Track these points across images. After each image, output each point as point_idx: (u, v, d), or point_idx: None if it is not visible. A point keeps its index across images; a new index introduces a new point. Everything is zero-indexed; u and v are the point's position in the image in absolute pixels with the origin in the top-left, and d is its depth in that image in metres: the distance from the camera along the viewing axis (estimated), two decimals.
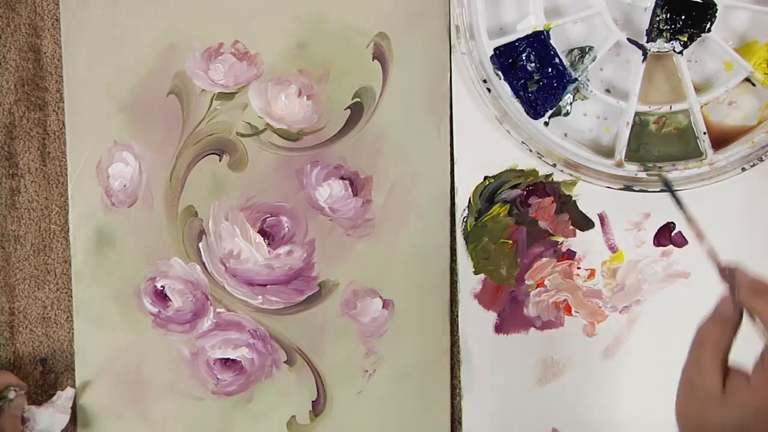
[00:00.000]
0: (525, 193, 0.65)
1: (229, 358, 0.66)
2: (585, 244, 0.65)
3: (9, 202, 0.65)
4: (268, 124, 0.64)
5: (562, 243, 0.65)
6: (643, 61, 0.61)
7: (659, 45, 0.61)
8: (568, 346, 0.66)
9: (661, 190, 0.63)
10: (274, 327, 0.66)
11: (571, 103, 0.64)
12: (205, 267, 0.65)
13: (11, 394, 0.61)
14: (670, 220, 0.65)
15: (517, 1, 0.63)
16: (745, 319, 0.46)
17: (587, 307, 0.66)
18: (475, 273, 0.66)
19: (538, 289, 0.66)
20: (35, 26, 0.64)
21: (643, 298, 0.66)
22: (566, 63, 0.62)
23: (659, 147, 0.64)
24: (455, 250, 0.66)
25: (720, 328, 0.46)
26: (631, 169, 0.63)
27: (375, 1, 0.64)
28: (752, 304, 0.45)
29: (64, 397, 0.64)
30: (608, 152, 0.63)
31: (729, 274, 0.48)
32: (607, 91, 0.64)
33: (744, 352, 0.46)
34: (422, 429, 0.66)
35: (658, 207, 0.65)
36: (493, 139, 0.64)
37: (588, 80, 0.63)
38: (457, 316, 0.66)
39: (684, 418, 0.47)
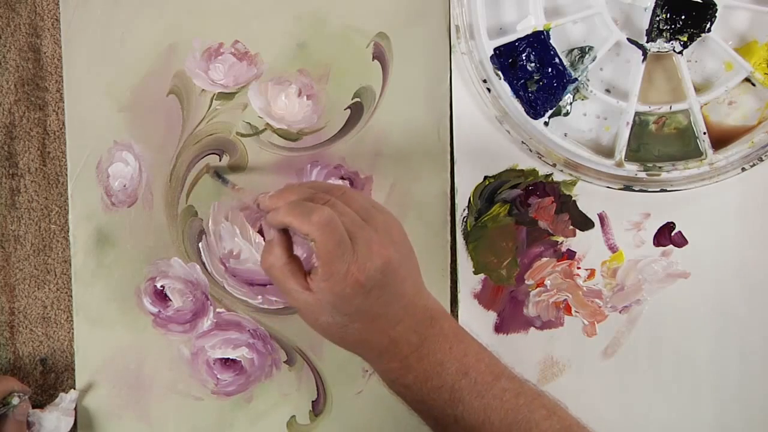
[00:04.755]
0: (525, 193, 0.65)
1: (229, 358, 0.66)
2: (585, 244, 0.65)
3: (9, 202, 0.65)
4: (268, 124, 0.64)
5: (562, 243, 0.65)
6: (643, 61, 0.61)
7: (659, 45, 0.61)
8: (568, 346, 0.66)
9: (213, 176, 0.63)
10: (274, 327, 0.66)
11: (571, 103, 0.64)
12: (205, 267, 0.65)
13: (15, 400, 0.61)
14: (670, 220, 0.65)
15: (517, 1, 0.63)
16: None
17: (587, 307, 0.66)
18: (475, 273, 0.66)
19: (538, 289, 0.66)
20: (35, 26, 0.64)
21: (643, 298, 0.66)
22: (566, 63, 0.62)
23: (659, 147, 0.64)
24: (455, 250, 0.66)
25: (276, 252, 0.51)
26: (631, 169, 0.63)
27: (375, 1, 0.64)
28: (287, 221, 0.50)
29: (68, 399, 0.64)
30: (608, 152, 0.63)
31: (257, 205, 0.54)
32: (607, 91, 0.64)
33: None
34: (422, 429, 0.66)
35: (658, 207, 0.65)
36: (493, 139, 0.64)
37: (588, 80, 0.63)
38: (457, 316, 0.66)
39: (319, 333, 0.53)
